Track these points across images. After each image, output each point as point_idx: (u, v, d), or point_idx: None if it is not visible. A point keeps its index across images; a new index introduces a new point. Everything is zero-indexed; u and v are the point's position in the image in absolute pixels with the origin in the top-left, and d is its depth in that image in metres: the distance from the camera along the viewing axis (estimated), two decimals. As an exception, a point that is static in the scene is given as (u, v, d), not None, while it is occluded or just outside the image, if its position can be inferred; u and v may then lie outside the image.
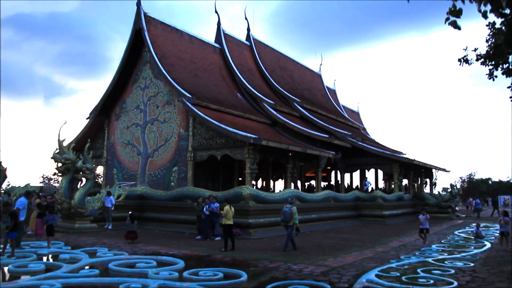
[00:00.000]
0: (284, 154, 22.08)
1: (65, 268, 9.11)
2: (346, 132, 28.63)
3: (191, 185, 20.48)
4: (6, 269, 9.34)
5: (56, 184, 42.76)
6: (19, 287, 7.41)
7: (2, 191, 23.12)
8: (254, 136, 18.38)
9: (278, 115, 26.01)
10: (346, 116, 39.00)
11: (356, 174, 33.22)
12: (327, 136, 26.04)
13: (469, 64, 9.70)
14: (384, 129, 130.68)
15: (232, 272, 9.03)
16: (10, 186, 29.89)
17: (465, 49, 9.81)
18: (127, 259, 10.54)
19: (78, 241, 14.05)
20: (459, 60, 9.83)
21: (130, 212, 15.25)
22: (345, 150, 27.38)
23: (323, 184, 32.22)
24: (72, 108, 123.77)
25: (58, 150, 17.36)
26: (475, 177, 70.47)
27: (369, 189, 29.99)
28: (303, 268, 9.84)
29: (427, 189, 36.90)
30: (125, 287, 7.42)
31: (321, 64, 42.91)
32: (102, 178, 28.42)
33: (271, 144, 19.35)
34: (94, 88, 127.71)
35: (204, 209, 15.63)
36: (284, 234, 17.03)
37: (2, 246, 11.01)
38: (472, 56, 9.69)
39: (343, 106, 42.97)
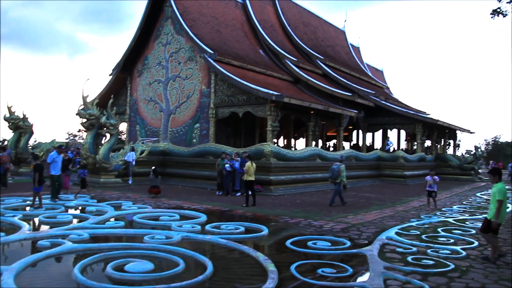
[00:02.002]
0: (306, 112, 21.94)
1: (92, 220, 9.43)
2: (369, 91, 28.18)
3: (213, 142, 20.67)
4: (36, 219, 9.72)
5: (81, 141, 43.67)
6: (49, 236, 7.71)
7: (30, 147, 23.74)
8: (276, 93, 18.26)
9: (300, 72, 25.67)
10: (370, 74, 38.26)
11: (378, 134, 32.96)
12: (350, 94, 25.67)
13: (504, 16, 9.17)
14: (408, 89, 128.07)
15: (253, 226, 9.22)
16: (37, 142, 30.59)
17: (500, 0, 9.28)
18: (151, 213, 10.85)
19: (103, 195, 14.45)
20: (493, 12, 9.32)
21: (153, 167, 15.53)
22: (367, 109, 27.05)
23: (344, 143, 32.07)
24: (95, 64, 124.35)
25: (82, 106, 17.60)
26: (501, 140, 69.00)
27: (391, 149, 29.75)
28: (323, 224, 9.96)
29: (450, 151, 36.41)
30: (150, 238, 7.66)
31: (345, 20, 41.94)
32: (125, 135, 28.83)
33: (293, 102, 19.21)
34: (117, 45, 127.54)
35: (226, 166, 15.78)
36: (304, 192, 17.31)
37: (35, 199, 11.44)
38: (507, 8, 9.17)
39: (366, 64, 42.08)
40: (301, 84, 25.73)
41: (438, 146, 34.04)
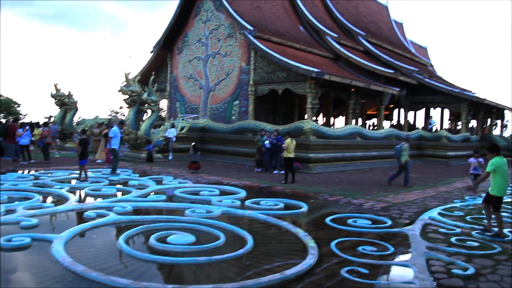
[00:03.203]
0: (346, 90, 21.55)
1: (135, 193, 9.69)
2: (412, 68, 27.30)
3: (252, 119, 20.68)
4: (83, 192, 10.07)
5: (122, 117, 44.73)
6: (95, 208, 7.98)
7: (74, 123, 24.54)
8: (316, 70, 17.98)
9: (341, 49, 25.14)
10: (413, 51, 37.01)
11: (421, 113, 32.00)
12: (392, 71, 24.95)
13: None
14: (453, 67, 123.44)
15: (292, 203, 9.23)
16: (81, 118, 31.56)
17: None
18: (191, 187, 11.03)
19: (145, 169, 14.78)
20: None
21: (193, 143, 15.74)
22: (410, 87, 26.23)
23: (384, 122, 31.38)
24: (137, 42, 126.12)
25: (125, 83, 17.94)
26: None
27: (434, 129, 28.89)
28: (363, 202, 9.85)
29: (496, 131, 35.00)
30: (191, 212, 7.80)
31: (388, -5, 40.41)
32: (165, 112, 29.26)
33: (334, 79, 18.89)
34: (158, 23, 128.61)
35: (266, 142, 15.77)
36: (343, 170, 17.15)
37: (81, 172, 11.86)
38: None
39: (410, 41, 40.63)
40: (342, 61, 25.21)
41: (484, 126, 32.77)
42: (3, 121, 24.48)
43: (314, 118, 21.89)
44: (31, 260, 5.27)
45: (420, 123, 33.81)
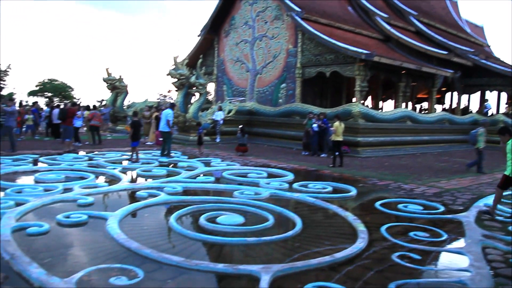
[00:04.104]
0: (397, 72, 20.93)
1: (184, 175, 9.88)
2: (467, 49, 26.08)
3: (299, 102, 20.53)
4: (134, 172, 10.38)
5: (170, 100, 45.57)
6: (146, 188, 8.21)
7: (125, 107, 25.26)
8: (365, 51, 17.54)
9: (391, 29, 24.34)
10: (468, 31, 35.32)
11: (475, 96, 30.61)
12: (446, 53, 23.94)
13: None
14: None
15: (341, 186, 9.12)
16: (131, 102, 32.45)
17: None
18: (239, 169, 11.12)
19: (194, 152, 15.03)
20: None
21: (241, 126, 15.82)
22: (464, 68, 25.10)
23: (436, 106, 30.29)
24: (184, 25, 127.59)
25: (173, 66, 18.21)
26: None
27: (489, 113, 27.60)
28: (414, 188, 9.58)
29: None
30: (239, 193, 7.87)
31: (442, -28, 38.62)
32: (212, 95, 29.54)
33: (383, 61, 18.38)
34: (205, 6, 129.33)
35: (314, 125, 15.62)
36: (392, 155, 16.75)
37: (133, 154, 12.24)
38: None
39: (465, 20, 38.75)
40: (392, 43, 24.43)
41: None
42: (61, 105, 25.57)
43: (362, 101, 21.43)
44: (87, 236, 5.49)
45: (474, 107, 32.42)
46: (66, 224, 5.73)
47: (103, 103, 42.79)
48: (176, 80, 18.22)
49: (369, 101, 32.49)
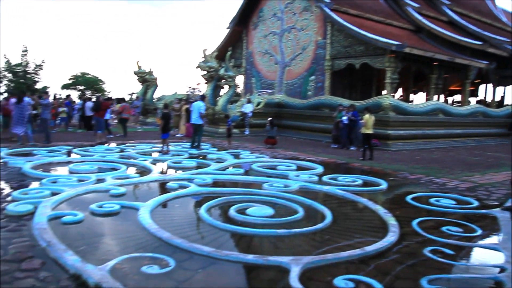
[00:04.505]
0: (428, 64, 20.47)
1: (214, 166, 9.96)
2: (503, 39, 25.22)
3: (328, 95, 20.35)
4: (165, 164, 10.52)
5: (199, 93, 45.84)
6: (177, 179, 8.32)
7: (155, 99, 25.61)
8: (396, 42, 17.22)
9: (423, 20, 23.75)
10: (504, 20, 34.11)
11: (511, 88, 29.67)
12: (480, 43, 23.23)
13: None
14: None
15: (371, 180, 9.01)
16: (160, 95, 32.85)
17: None
18: (268, 162, 11.13)
19: (223, 144, 15.12)
20: None
21: (270, 118, 15.81)
22: (500, 59, 24.29)
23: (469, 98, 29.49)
24: (213, 18, 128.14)
25: (203, 59, 18.32)
26: None
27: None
28: (446, 182, 9.39)
29: None
30: (269, 186, 7.88)
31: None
32: (241, 87, 29.59)
33: (415, 52, 17.99)
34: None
35: (344, 118, 15.45)
36: (423, 148, 16.44)
37: (163, 145, 12.41)
38: None
39: (501, 9, 37.46)
40: (423, 33, 23.85)
41: None
42: (93, 98, 26.13)
43: (393, 94, 21.09)
44: (120, 226, 5.62)
45: (510, 100, 31.45)
46: (99, 214, 5.87)
47: (134, 96, 43.46)
48: (205, 72, 18.35)
49: (399, 94, 31.95)
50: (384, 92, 19.83)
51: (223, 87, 19.54)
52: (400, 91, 31.13)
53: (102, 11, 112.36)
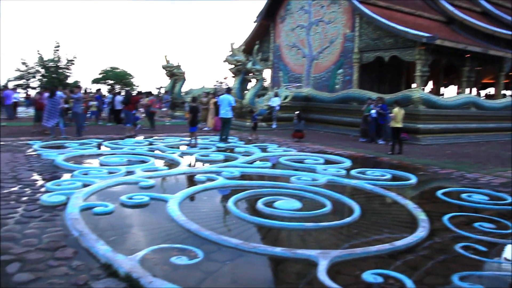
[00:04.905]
0: (460, 56, 19.92)
1: (241, 160, 9.99)
2: (541, 30, 24.34)
3: (356, 88, 20.09)
4: (193, 157, 10.61)
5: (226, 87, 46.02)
6: (204, 172, 8.38)
7: (183, 93, 25.83)
8: (427, 34, 16.83)
9: (455, 10, 23.12)
10: (542, 11, 32.95)
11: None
12: (516, 34, 22.51)
13: None
14: None
15: (400, 174, 8.87)
16: (188, 89, 33.14)
17: None
18: (295, 155, 11.10)
19: (249, 138, 15.12)
20: None
21: (297, 112, 15.73)
22: (537, 51, 23.49)
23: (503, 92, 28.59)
24: (241, 12, 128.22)
25: (230, 53, 18.35)
26: None
27: None
28: (478, 177, 9.15)
29: None
30: (296, 179, 7.85)
31: None
32: (268, 81, 29.53)
33: (446, 44, 17.55)
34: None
35: (372, 112, 15.22)
36: (454, 143, 16.05)
37: (191, 139, 12.52)
38: None
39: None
40: (455, 25, 23.23)
41: None
42: (122, 92, 26.54)
43: (423, 87, 20.66)
44: (149, 217, 5.70)
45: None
46: (129, 205, 5.97)
47: (162, 90, 43.96)
48: (233, 66, 18.38)
49: (429, 87, 31.27)
50: (413, 85, 19.44)
51: (250, 81, 19.54)
52: (430, 85, 30.48)
53: (131, 7, 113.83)
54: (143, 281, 3.49)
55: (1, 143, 11.63)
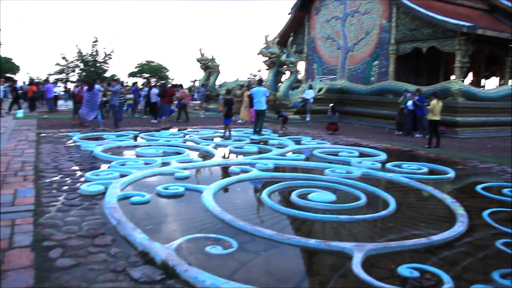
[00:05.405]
0: (503, 46, 19.19)
1: (275, 152, 9.99)
2: None
3: (392, 80, 19.69)
4: (227, 149, 10.69)
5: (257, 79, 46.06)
6: (238, 164, 8.42)
7: (217, 86, 26.02)
8: (467, 24, 16.28)
9: (498, -2, 22.27)
10: None
11: None
12: None
13: None
14: None
15: (437, 168, 8.67)
16: (222, 81, 33.36)
17: None
18: (329, 148, 11.01)
19: (284, 130, 15.09)
20: None
21: (331, 104, 15.57)
22: None
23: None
24: (275, 3, 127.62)
25: (264, 45, 18.32)
26: None
27: None
28: (521, 172, 8.84)
29: None
30: (330, 172, 7.79)
31: None
32: (303, 73, 29.34)
33: (488, 33, 16.94)
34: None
35: (408, 103, 14.88)
36: (495, 136, 15.50)
37: (225, 131, 12.61)
38: None
39: None
40: (498, 13, 22.34)
41: None
42: (158, 85, 26.96)
43: (462, 79, 20.08)
44: (184, 207, 5.80)
45: None
46: (165, 195, 6.08)
47: (196, 83, 44.42)
48: (267, 58, 18.35)
49: (469, 79, 30.32)
50: (452, 77, 18.90)
51: (284, 73, 19.47)
52: (470, 76, 29.53)
53: (167, 2, 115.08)
54: (179, 269, 3.55)
55: (43, 134, 12.05)
